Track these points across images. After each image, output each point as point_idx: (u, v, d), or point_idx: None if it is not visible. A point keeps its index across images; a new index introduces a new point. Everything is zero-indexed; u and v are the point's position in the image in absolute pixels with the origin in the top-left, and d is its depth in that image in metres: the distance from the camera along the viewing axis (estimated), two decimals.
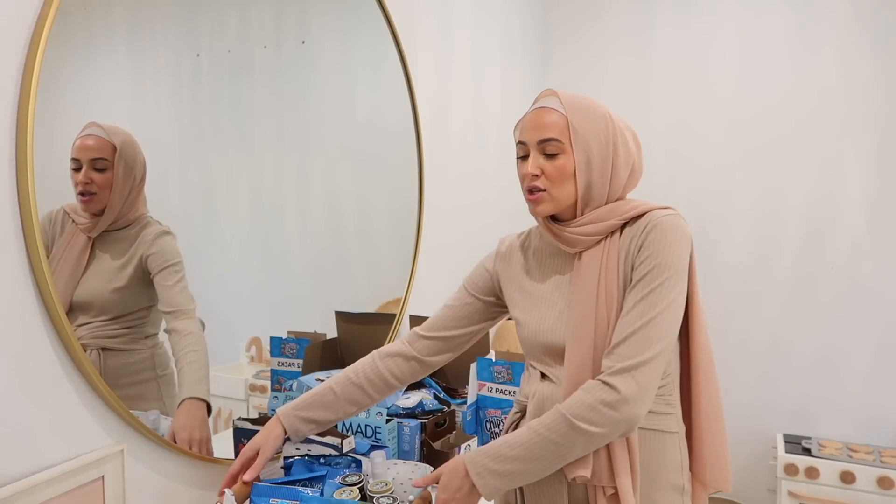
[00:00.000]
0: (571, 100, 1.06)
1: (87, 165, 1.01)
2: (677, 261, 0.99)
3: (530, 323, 1.11)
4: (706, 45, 2.82)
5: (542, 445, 0.95)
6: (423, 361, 1.21)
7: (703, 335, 1.07)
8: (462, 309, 1.21)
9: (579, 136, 1.04)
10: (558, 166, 1.04)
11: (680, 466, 1.07)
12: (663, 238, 0.99)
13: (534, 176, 1.05)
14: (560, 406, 0.96)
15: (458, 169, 2.22)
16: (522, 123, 1.09)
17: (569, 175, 1.05)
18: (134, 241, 1.11)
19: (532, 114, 1.08)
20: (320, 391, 1.18)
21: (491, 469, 0.96)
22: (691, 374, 1.08)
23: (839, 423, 2.66)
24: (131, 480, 1.07)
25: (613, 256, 1.04)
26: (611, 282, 1.03)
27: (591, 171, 1.05)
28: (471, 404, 1.57)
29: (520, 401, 1.14)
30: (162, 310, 1.14)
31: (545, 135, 1.04)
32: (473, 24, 2.33)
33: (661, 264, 0.98)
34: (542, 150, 1.05)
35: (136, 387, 1.10)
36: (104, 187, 1.04)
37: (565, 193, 1.06)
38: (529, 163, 1.05)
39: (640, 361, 0.94)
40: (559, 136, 1.04)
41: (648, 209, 1.04)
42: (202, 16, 1.21)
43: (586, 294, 1.03)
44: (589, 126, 1.05)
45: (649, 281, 0.98)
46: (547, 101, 1.07)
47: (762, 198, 2.75)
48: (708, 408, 1.08)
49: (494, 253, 1.23)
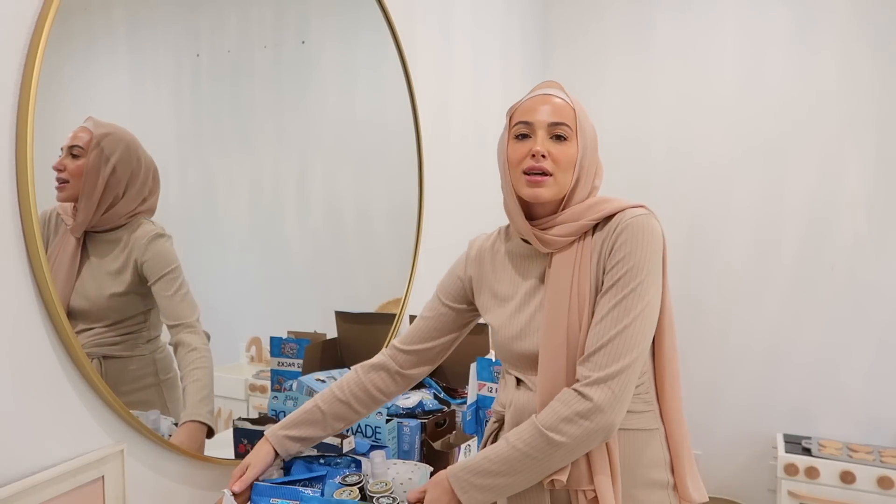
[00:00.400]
0: (573, 97, 1.07)
1: (65, 153, 0.99)
2: (650, 263, 0.97)
3: (503, 329, 1.10)
4: (706, 44, 2.82)
5: (520, 460, 0.95)
6: (405, 375, 1.21)
7: (670, 335, 1.05)
8: (437, 320, 1.21)
9: (583, 129, 1.04)
10: (566, 151, 1.02)
11: (662, 462, 1.06)
12: (635, 240, 0.98)
13: (542, 156, 1.01)
14: (536, 418, 0.96)
15: (459, 168, 2.22)
16: (526, 105, 1.06)
17: (572, 163, 1.03)
18: (125, 243, 1.09)
19: (539, 97, 1.05)
20: (307, 409, 1.19)
21: (474, 484, 0.96)
22: (656, 375, 1.06)
23: (839, 422, 2.66)
24: (131, 480, 1.07)
25: (587, 258, 1.02)
26: (583, 285, 1.01)
27: (584, 167, 1.05)
28: (471, 404, 1.57)
29: (497, 410, 1.13)
30: (165, 322, 1.13)
31: (558, 118, 1.02)
32: (473, 24, 2.33)
33: (633, 268, 0.96)
34: (550, 133, 1.02)
35: (139, 393, 1.10)
36: (75, 175, 1.00)
37: (566, 181, 1.03)
38: (538, 142, 1.01)
39: (616, 371, 0.93)
40: (569, 122, 1.03)
41: (620, 208, 1.02)
42: (202, 16, 1.21)
43: (558, 298, 1.02)
44: (587, 123, 1.07)
45: (623, 286, 0.96)
46: (553, 90, 1.06)
47: (762, 197, 2.75)
48: (671, 403, 1.07)
49: (465, 258, 1.21)
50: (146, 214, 1.11)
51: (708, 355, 2.86)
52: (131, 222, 1.09)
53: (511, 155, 1.05)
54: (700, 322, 2.86)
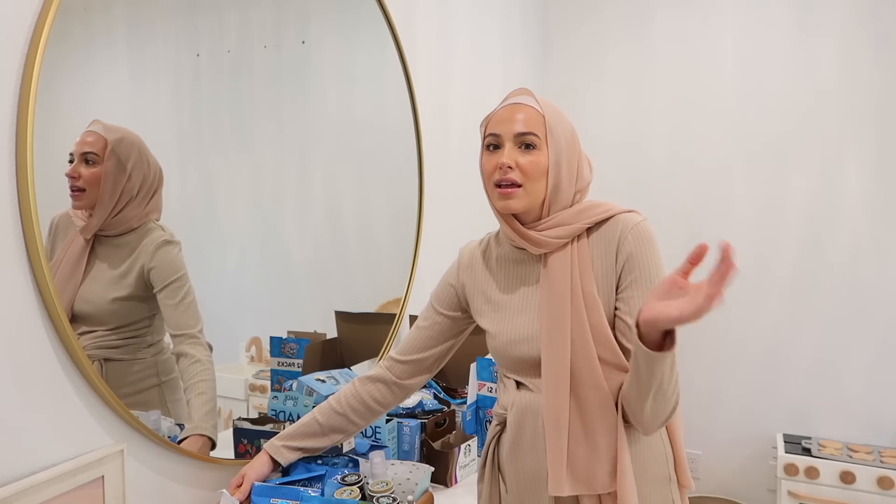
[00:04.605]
0: (544, 100, 1.07)
1: (78, 160, 0.99)
2: (660, 266, 1.03)
3: (501, 334, 1.10)
4: (706, 43, 2.81)
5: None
6: (402, 386, 1.22)
7: None
8: (432, 329, 1.21)
9: (553, 134, 1.04)
10: (534, 161, 1.03)
11: (664, 457, 1.07)
12: (643, 245, 1.02)
13: (508, 168, 1.02)
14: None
15: (458, 168, 2.22)
16: (496, 117, 1.07)
17: (542, 172, 1.03)
18: (134, 248, 1.08)
19: (508, 108, 1.06)
20: (305, 422, 1.20)
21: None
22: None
23: (839, 423, 2.66)
24: (131, 480, 1.07)
25: (586, 259, 1.04)
26: (588, 285, 1.02)
27: (560, 172, 1.05)
28: (471, 404, 1.57)
29: (499, 412, 1.12)
30: (168, 331, 1.13)
31: (524, 128, 1.03)
32: (473, 24, 2.33)
33: (650, 267, 1.02)
34: (518, 143, 1.03)
35: (139, 395, 1.10)
36: (92, 183, 1.00)
37: (538, 190, 1.04)
38: (505, 154, 1.03)
39: None
40: (537, 131, 1.03)
41: (616, 212, 1.05)
42: (202, 16, 1.21)
43: (558, 299, 1.03)
44: (560, 126, 1.06)
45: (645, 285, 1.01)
46: (522, 98, 1.06)
47: (762, 197, 2.75)
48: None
49: (456, 266, 1.21)
50: (154, 215, 1.11)
51: (708, 355, 2.86)
52: (142, 226, 1.09)
53: (484, 167, 1.07)
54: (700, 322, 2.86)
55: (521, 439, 1.07)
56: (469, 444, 1.52)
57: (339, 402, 1.21)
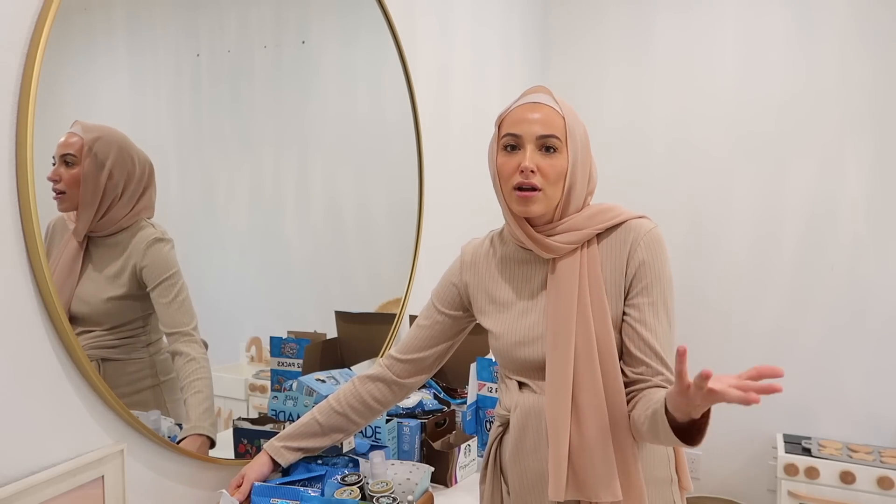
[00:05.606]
0: (562, 100, 1.05)
1: (59, 162, 0.97)
2: (670, 276, 1.04)
3: (505, 335, 1.09)
4: (706, 44, 2.81)
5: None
6: (402, 384, 1.22)
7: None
8: (433, 328, 1.20)
9: (573, 137, 1.02)
10: (555, 165, 1.01)
11: (666, 458, 1.07)
12: (655, 252, 1.02)
13: (530, 172, 0.99)
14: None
15: (458, 168, 2.22)
16: (514, 115, 1.03)
17: (561, 175, 1.02)
18: (126, 247, 1.08)
19: (527, 107, 1.02)
20: (305, 422, 1.20)
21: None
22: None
23: (839, 423, 2.66)
24: (131, 480, 1.07)
25: (595, 265, 1.03)
26: (597, 290, 1.02)
27: (576, 175, 1.03)
28: (471, 404, 1.57)
29: (501, 414, 1.12)
30: (162, 329, 1.13)
31: (546, 130, 1.00)
32: (473, 24, 2.33)
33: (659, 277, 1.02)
34: (539, 146, 1.01)
35: (138, 395, 1.10)
36: (72, 185, 0.99)
37: (556, 194, 1.02)
38: (527, 157, 1.00)
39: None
40: (558, 134, 1.01)
41: (628, 218, 1.04)
42: (202, 16, 1.21)
43: (565, 305, 1.02)
44: (577, 129, 1.04)
45: (657, 294, 1.02)
46: (541, 97, 1.04)
47: (762, 197, 2.75)
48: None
49: (459, 264, 1.19)
50: (146, 213, 1.10)
51: (707, 355, 2.86)
52: (132, 225, 1.08)
53: (500, 168, 1.04)
54: (700, 321, 2.86)
55: (524, 441, 1.06)
56: (469, 445, 1.52)
57: (338, 401, 1.21)
